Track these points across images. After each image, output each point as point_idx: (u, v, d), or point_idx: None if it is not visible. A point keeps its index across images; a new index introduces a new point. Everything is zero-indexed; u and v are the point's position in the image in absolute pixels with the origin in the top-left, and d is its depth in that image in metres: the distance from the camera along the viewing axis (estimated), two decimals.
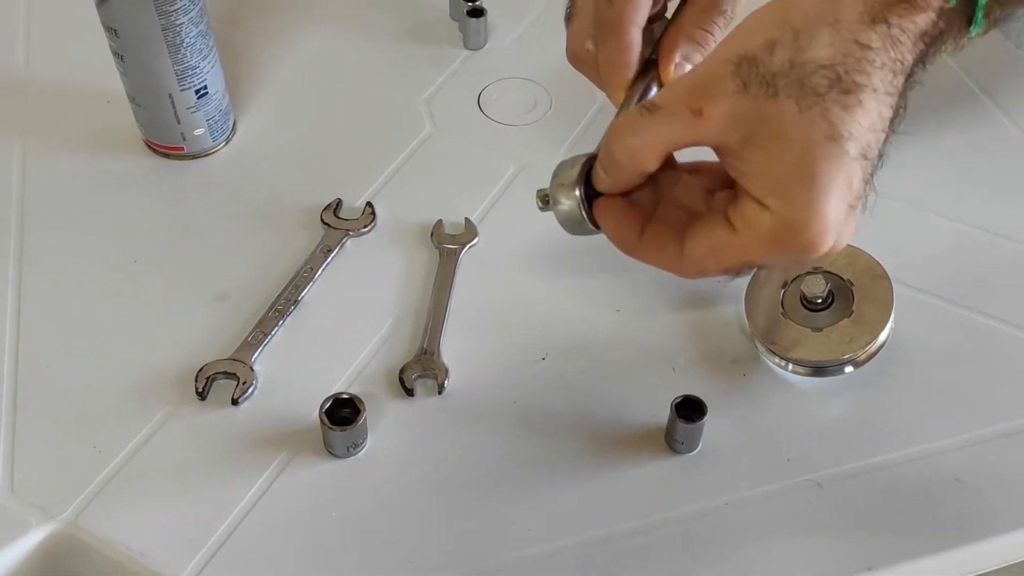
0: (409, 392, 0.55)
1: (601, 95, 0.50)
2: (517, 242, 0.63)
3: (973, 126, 0.72)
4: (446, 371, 0.56)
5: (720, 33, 0.48)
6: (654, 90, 0.48)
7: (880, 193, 0.67)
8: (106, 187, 0.66)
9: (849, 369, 0.56)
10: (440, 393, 0.55)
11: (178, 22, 0.61)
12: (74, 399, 0.54)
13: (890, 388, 0.56)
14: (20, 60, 0.76)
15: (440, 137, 0.70)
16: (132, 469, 0.51)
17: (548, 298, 0.60)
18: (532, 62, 0.76)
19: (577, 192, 0.43)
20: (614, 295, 0.60)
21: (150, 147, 0.68)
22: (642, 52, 0.48)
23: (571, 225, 0.44)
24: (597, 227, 0.44)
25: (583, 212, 0.43)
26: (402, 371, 0.55)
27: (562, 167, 0.44)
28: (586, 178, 0.44)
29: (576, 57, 0.50)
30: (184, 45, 0.62)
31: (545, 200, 0.44)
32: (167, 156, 0.68)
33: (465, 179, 0.67)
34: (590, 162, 0.44)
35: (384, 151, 0.69)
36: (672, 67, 0.48)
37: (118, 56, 0.63)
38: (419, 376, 0.55)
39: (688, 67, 0.48)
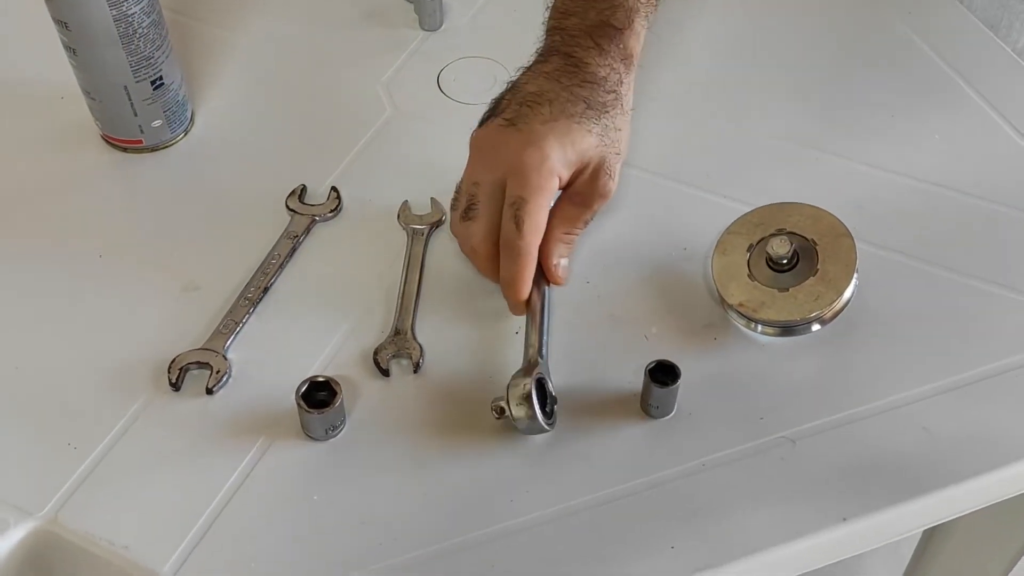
0: (384, 372, 0.55)
1: None
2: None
3: (929, 88, 0.73)
4: (421, 350, 0.56)
5: (582, 230, 0.59)
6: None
7: (839, 155, 0.69)
8: (65, 184, 0.65)
9: (816, 327, 0.57)
10: (416, 372, 0.55)
11: (130, 12, 0.60)
12: (46, 397, 0.54)
13: (857, 344, 0.57)
14: None
15: (401, 119, 0.70)
16: (109, 464, 0.51)
17: None
18: (489, 41, 0.76)
19: (534, 403, 0.50)
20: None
21: (108, 142, 0.67)
22: None
23: (528, 428, 0.51)
24: (548, 428, 0.52)
25: (539, 418, 0.51)
26: (376, 352, 0.56)
27: (513, 386, 0.51)
28: (536, 389, 0.51)
29: (475, 253, 0.57)
30: (137, 36, 0.61)
31: (500, 411, 0.51)
32: (125, 150, 0.67)
33: (429, 160, 0.67)
34: (536, 376, 0.51)
35: (345, 135, 0.69)
36: (554, 268, 0.58)
37: (70, 50, 0.62)
38: (394, 356, 0.56)
39: (565, 263, 0.58)
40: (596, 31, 0.59)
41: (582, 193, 0.57)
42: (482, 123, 0.58)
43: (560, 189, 0.57)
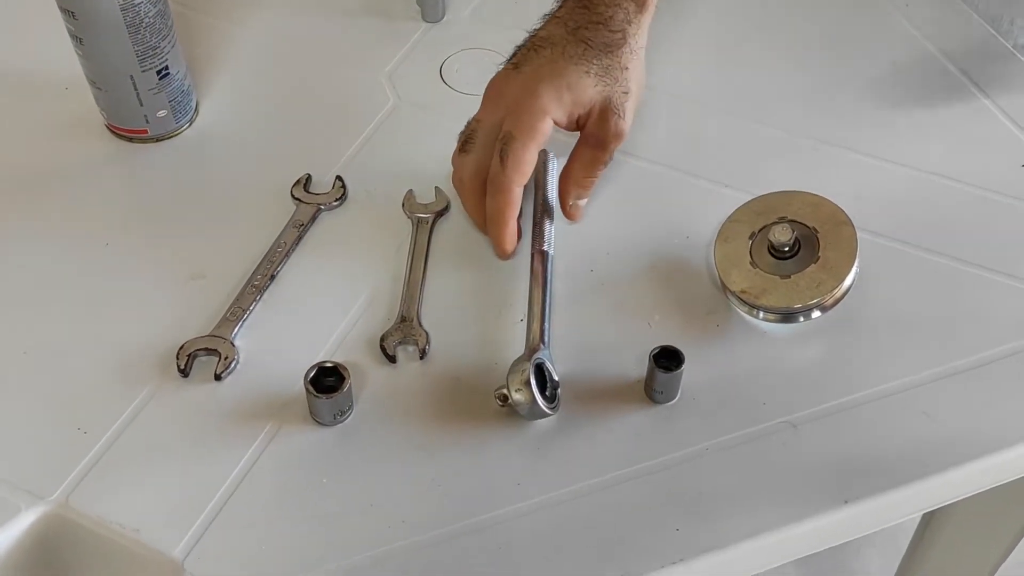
0: (391, 359, 0.55)
1: None
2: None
3: (928, 79, 0.74)
4: (427, 337, 0.56)
5: (601, 175, 0.61)
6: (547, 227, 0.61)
7: (839, 145, 0.70)
8: (71, 174, 0.66)
9: (817, 314, 0.57)
10: (422, 359, 0.56)
11: (136, 1, 0.60)
12: (55, 383, 0.54)
13: (857, 330, 0.58)
14: None
15: (404, 109, 0.71)
16: (120, 448, 0.51)
17: (521, 262, 0.61)
18: (491, 32, 0.76)
19: (533, 387, 0.51)
20: (587, 255, 0.61)
21: (113, 131, 0.67)
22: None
23: (530, 413, 0.52)
24: (550, 412, 0.52)
25: (540, 402, 0.51)
26: (383, 339, 0.56)
27: (513, 372, 0.52)
28: (536, 374, 0.52)
29: (461, 184, 0.60)
30: (143, 25, 0.61)
31: (503, 399, 0.52)
32: (131, 140, 0.67)
33: (433, 149, 0.67)
34: (535, 361, 0.52)
35: (350, 125, 0.69)
36: (571, 208, 0.61)
37: (76, 39, 0.62)
38: (400, 343, 0.56)
39: (583, 203, 0.62)
40: None
41: (595, 135, 0.59)
42: (498, 71, 0.60)
43: (572, 130, 0.59)
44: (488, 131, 0.58)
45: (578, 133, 0.61)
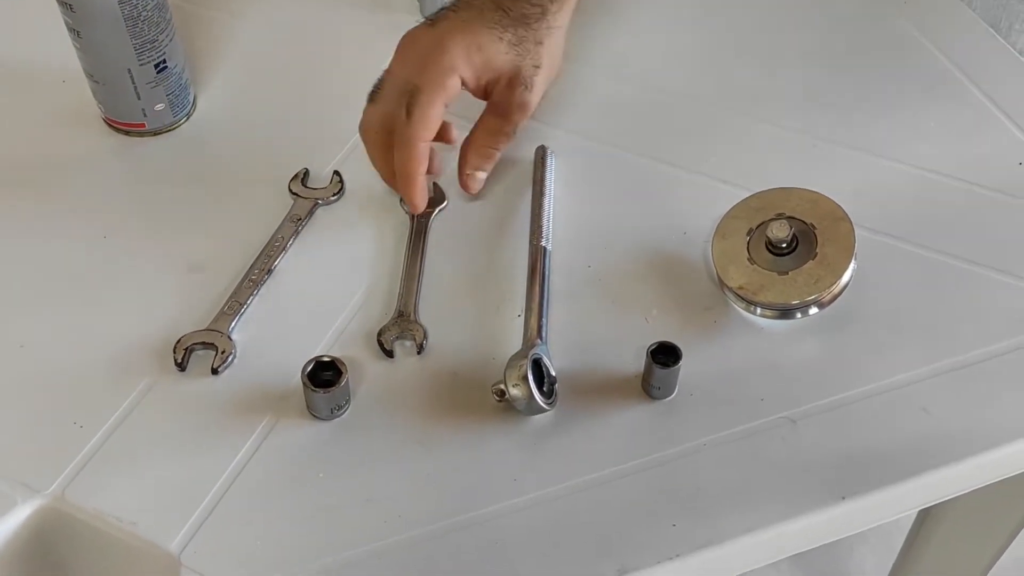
0: (388, 353, 0.55)
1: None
2: (485, 203, 0.64)
3: (926, 78, 0.74)
4: (424, 332, 0.56)
5: (504, 147, 0.62)
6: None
7: (838, 142, 0.70)
8: (68, 167, 0.66)
9: (814, 310, 0.57)
10: (419, 353, 0.56)
11: None
12: (52, 377, 0.54)
13: (855, 326, 0.58)
14: None
15: None
16: (116, 442, 0.51)
17: (519, 257, 0.61)
18: None
19: (530, 382, 0.51)
20: (584, 251, 0.61)
21: (110, 125, 0.67)
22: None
23: (528, 408, 0.52)
24: (548, 407, 0.52)
25: (537, 397, 0.51)
26: (380, 333, 0.56)
27: (510, 367, 0.52)
28: (533, 369, 0.52)
29: (366, 134, 0.61)
30: (141, 18, 0.61)
31: (500, 394, 0.52)
32: (128, 133, 0.67)
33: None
34: (533, 356, 0.52)
35: (347, 120, 0.68)
36: (467, 177, 0.61)
37: (74, 32, 0.62)
38: (397, 338, 0.56)
39: (481, 175, 0.62)
40: None
41: (500, 103, 0.60)
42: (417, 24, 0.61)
43: (479, 97, 0.60)
44: (396, 83, 0.58)
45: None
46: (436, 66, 0.57)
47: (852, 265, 0.57)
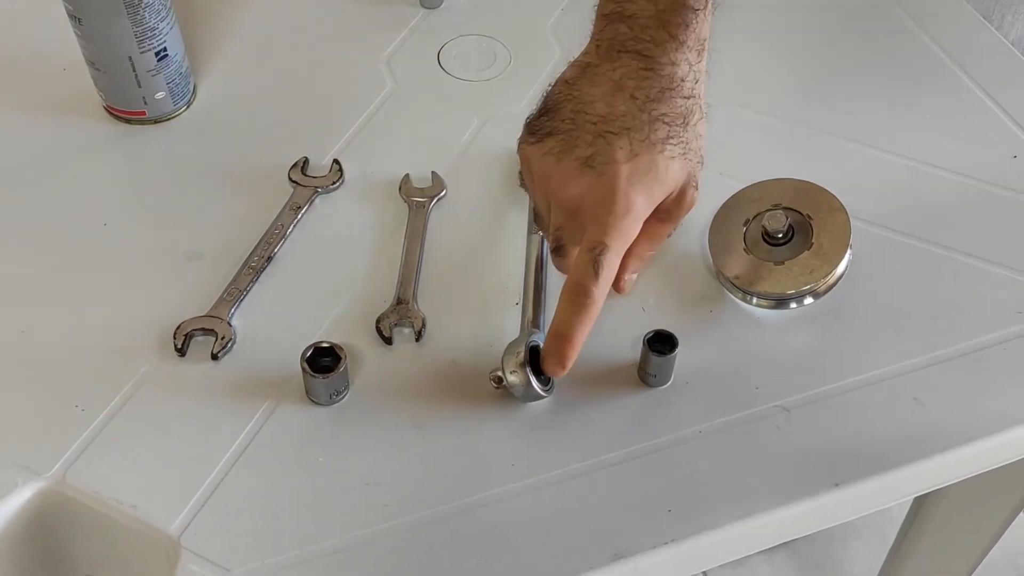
0: (387, 340, 0.56)
1: (559, 51, 0.51)
2: (484, 193, 0.64)
3: (923, 71, 0.74)
4: (423, 319, 0.57)
5: (660, 248, 0.55)
6: None
7: (833, 134, 0.70)
8: (69, 154, 0.66)
9: (809, 300, 0.58)
10: (418, 340, 0.56)
11: None
12: (53, 361, 0.54)
13: (849, 317, 0.58)
14: None
15: (402, 94, 0.71)
16: (117, 426, 0.51)
17: (517, 245, 0.61)
18: (490, 19, 0.77)
19: (528, 370, 0.51)
20: None
21: (111, 113, 0.68)
22: None
23: (525, 395, 0.52)
24: (545, 394, 0.53)
25: (534, 384, 0.52)
26: (379, 320, 0.56)
27: (508, 354, 0.52)
28: (528, 355, 0.52)
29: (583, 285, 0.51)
30: (142, 6, 0.61)
31: (498, 380, 0.52)
32: (128, 121, 0.67)
33: (430, 134, 0.68)
34: (530, 344, 0.52)
35: (347, 109, 0.69)
36: (623, 282, 0.54)
37: (75, 19, 0.62)
38: (396, 325, 0.56)
39: (634, 278, 0.55)
40: (671, 17, 0.50)
41: (669, 210, 0.53)
42: (536, 132, 0.52)
43: None
44: (574, 236, 0.51)
45: None
46: (622, 222, 0.49)
47: (847, 256, 0.57)
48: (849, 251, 0.57)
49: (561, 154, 0.50)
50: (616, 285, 0.53)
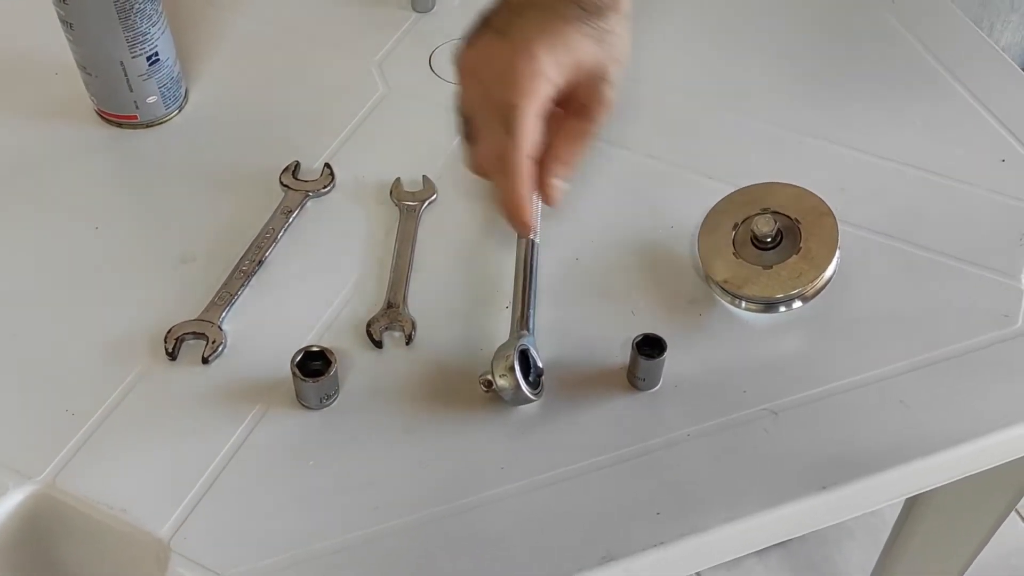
0: (377, 344, 0.56)
1: None
2: (475, 197, 0.64)
3: (911, 75, 0.75)
4: (413, 323, 0.57)
5: (585, 148, 0.56)
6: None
7: (822, 138, 0.71)
8: (60, 158, 0.66)
9: (798, 304, 0.58)
10: (408, 344, 0.56)
11: None
12: (43, 365, 0.54)
13: (838, 320, 0.59)
14: None
15: (394, 98, 0.71)
16: (107, 429, 0.52)
17: (507, 250, 0.61)
18: None
19: (517, 373, 0.52)
20: (571, 244, 0.62)
21: (102, 117, 0.68)
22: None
23: (514, 398, 0.53)
24: (534, 398, 0.53)
25: (524, 387, 0.52)
26: (369, 324, 0.57)
27: (498, 357, 0.52)
28: (520, 360, 0.52)
29: (485, 174, 0.55)
30: (134, 11, 0.62)
31: (487, 384, 0.52)
32: (120, 126, 0.68)
33: (421, 138, 0.68)
34: (519, 347, 0.53)
35: (338, 113, 0.70)
36: (549, 187, 0.55)
37: (67, 24, 0.62)
38: (386, 328, 0.57)
39: (564, 185, 0.55)
40: None
41: (584, 105, 0.54)
42: (470, 40, 0.54)
43: (557, 106, 0.54)
44: (484, 109, 0.53)
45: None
46: (525, 76, 0.51)
47: (835, 260, 0.57)
48: (837, 255, 0.57)
49: (480, 34, 0.53)
50: (544, 194, 0.55)
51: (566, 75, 0.52)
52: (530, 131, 0.51)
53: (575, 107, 0.54)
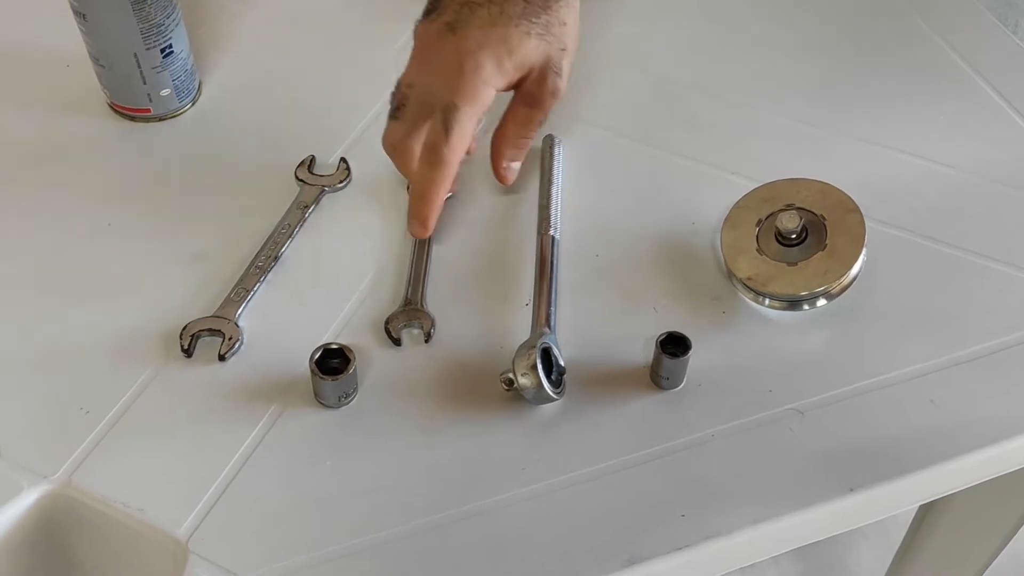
0: (396, 342, 0.55)
1: None
2: (493, 193, 0.64)
3: (935, 71, 0.74)
4: (432, 320, 0.56)
5: (535, 133, 0.59)
6: None
7: (845, 134, 0.70)
8: (73, 151, 0.65)
9: (823, 302, 0.57)
10: (427, 342, 0.55)
11: None
12: (57, 362, 0.54)
13: (864, 318, 0.58)
14: None
15: None
16: (123, 428, 0.51)
17: (527, 246, 0.61)
18: None
19: (539, 372, 0.51)
20: (593, 240, 0.61)
21: (115, 110, 0.67)
22: None
23: (536, 397, 0.52)
24: (556, 397, 0.52)
25: (546, 386, 0.51)
26: (388, 321, 0.56)
27: (519, 355, 0.51)
28: (542, 359, 0.52)
29: (394, 150, 0.58)
30: (148, 2, 0.61)
31: (508, 383, 0.52)
32: (133, 119, 0.67)
33: None
34: (541, 345, 0.52)
35: (354, 107, 0.69)
36: (503, 170, 0.60)
37: (80, 15, 0.61)
38: (405, 326, 0.56)
39: (516, 166, 0.60)
40: None
41: (532, 94, 0.57)
42: (426, 15, 0.57)
43: (503, 91, 0.57)
44: (422, 97, 0.56)
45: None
46: (470, 82, 0.54)
47: (862, 257, 0.56)
48: (864, 252, 0.56)
49: (432, 20, 0.56)
50: (496, 173, 0.60)
51: (509, 78, 0.56)
52: (467, 133, 0.55)
53: (524, 94, 0.57)
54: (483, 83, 0.54)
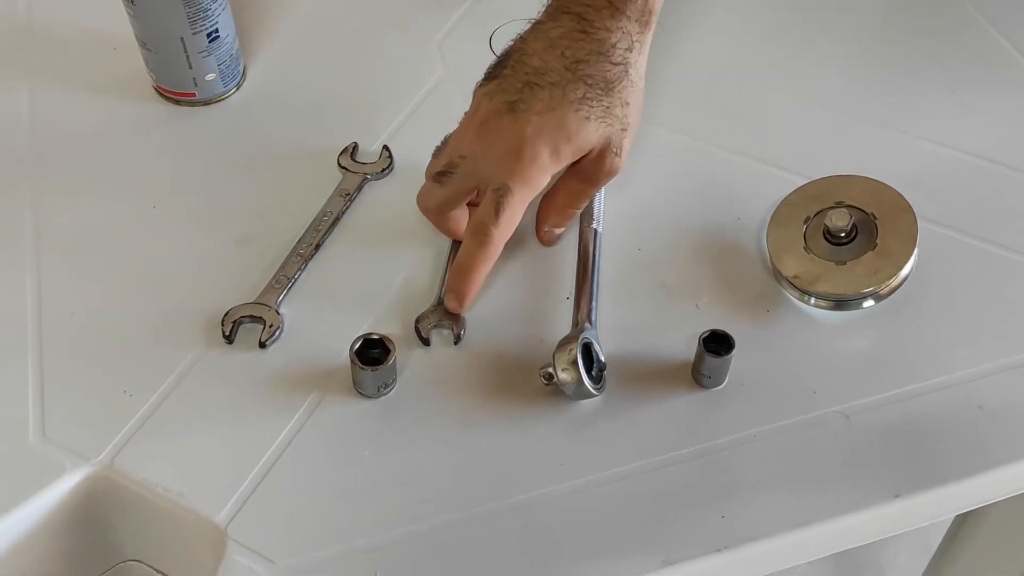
0: (425, 342, 0.55)
1: None
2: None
3: (989, 65, 0.72)
4: (463, 321, 0.55)
5: (583, 208, 0.59)
6: None
7: (896, 129, 0.68)
8: (119, 134, 0.66)
9: (870, 303, 0.56)
10: (456, 344, 0.55)
11: None
12: (101, 345, 0.54)
13: (913, 320, 0.56)
14: (21, 6, 0.74)
15: (453, 79, 0.70)
16: (164, 412, 0.51)
17: (568, 239, 0.60)
18: (541, 3, 0.75)
19: (580, 367, 0.50)
20: (634, 235, 0.60)
21: (160, 93, 0.67)
22: None
23: (576, 392, 0.51)
24: (596, 393, 0.52)
25: (586, 381, 0.51)
26: (418, 320, 0.55)
27: (560, 350, 0.51)
28: (583, 354, 0.51)
29: (427, 212, 0.58)
30: None
31: (548, 377, 0.51)
32: (178, 103, 0.67)
33: None
34: (583, 340, 0.51)
35: (397, 94, 0.68)
36: (544, 233, 0.59)
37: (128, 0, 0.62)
38: (435, 326, 0.55)
39: (559, 232, 0.59)
40: None
41: (588, 172, 0.56)
42: (487, 79, 0.56)
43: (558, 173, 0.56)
44: (473, 170, 0.55)
45: None
46: (526, 168, 0.53)
47: (913, 257, 0.55)
48: (916, 253, 0.55)
49: (494, 94, 0.55)
50: (539, 235, 0.59)
51: (566, 162, 0.55)
52: (516, 217, 0.54)
53: (579, 171, 0.56)
54: (539, 169, 0.53)
